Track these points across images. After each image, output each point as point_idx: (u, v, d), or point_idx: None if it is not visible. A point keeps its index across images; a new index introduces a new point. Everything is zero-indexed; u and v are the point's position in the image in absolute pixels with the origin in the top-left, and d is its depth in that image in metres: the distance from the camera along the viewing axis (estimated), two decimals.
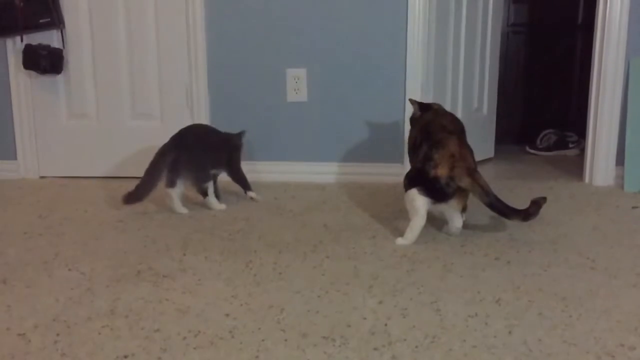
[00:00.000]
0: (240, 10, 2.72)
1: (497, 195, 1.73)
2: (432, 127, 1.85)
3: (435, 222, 2.00)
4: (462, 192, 1.76)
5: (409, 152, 2.00)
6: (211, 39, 2.75)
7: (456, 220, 1.86)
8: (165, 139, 2.21)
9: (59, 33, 2.79)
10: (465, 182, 1.72)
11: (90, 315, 1.33)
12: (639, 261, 1.65)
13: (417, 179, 1.79)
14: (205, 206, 2.25)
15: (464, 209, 1.86)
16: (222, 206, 2.25)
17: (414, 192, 1.77)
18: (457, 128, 1.86)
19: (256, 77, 2.76)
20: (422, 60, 2.64)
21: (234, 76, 2.77)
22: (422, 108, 2.06)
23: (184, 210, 2.20)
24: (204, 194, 2.22)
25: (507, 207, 1.73)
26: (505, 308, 1.35)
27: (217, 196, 2.27)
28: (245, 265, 1.64)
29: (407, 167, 2.19)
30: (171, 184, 2.17)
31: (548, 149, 3.58)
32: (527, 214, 1.75)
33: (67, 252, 1.78)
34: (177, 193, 2.19)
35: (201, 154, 2.22)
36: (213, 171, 2.27)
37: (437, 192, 1.75)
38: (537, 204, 1.76)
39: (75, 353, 1.16)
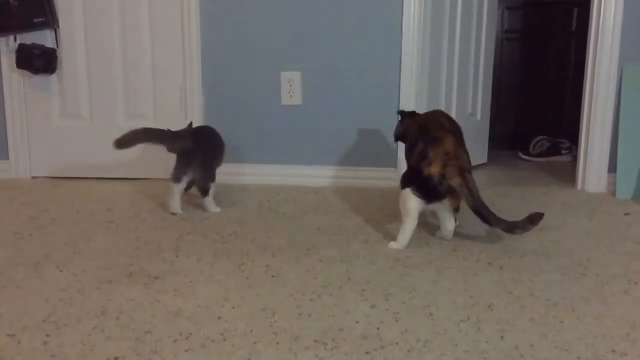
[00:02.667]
0: (235, 13, 2.72)
1: (486, 201, 1.72)
2: (430, 125, 1.85)
3: (428, 226, 2.00)
4: (455, 192, 1.76)
5: (406, 153, 1.99)
6: (206, 40, 2.75)
7: (449, 222, 1.86)
8: None
9: (53, 33, 2.78)
10: (455, 181, 1.71)
11: (81, 317, 1.32)
12: (631, 267, 1.66)
13: (411, 177, 1.79)
14: (201, 207, 2.25)
15: (456, 209, 1.86)
16: (217, 209, 2.25)
17: (407, 192, 1.77)
18: (454, 128, 1.86)
19: (250, 80, 2.76)
20: (416, 65, 2.64)
21: (229, 78, 2.77)
22: (405, 116, 2.10)
23: (179, 211, 2.20)
24: (206, 193, 2.22)
25: (491, 213, 1.71)
26: (497, 313, 1.35)
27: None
28: (238, 268, 1.64)
29: (401, 171, 2.20)
30: (177, 179, 2.18)
31: (541, 155, 3.59)
32: (511, 226, 1.71)
33: (58, 252, 1.77)
34: (180, 190, 2.21)
35: (212, 154, 2.26)
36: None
37: (430, 190, 1.74)
38: (531, 220, 1.71)
39: (65, 354, 1.15)
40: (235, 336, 1.23)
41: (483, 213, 1.71)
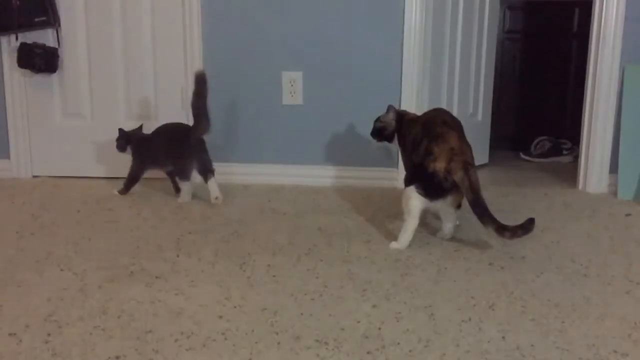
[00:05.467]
0: (236, 13, 2.72)
1: (487, 201, 1.71)
2: (434, 122, 1.85)
3: (429, 226, 2.00)
4: (458, 188, 1.74)
5: (407, 152, 1.98)
6: (207, 40, 2.74)
7: (449, 220, 1.86)
8: None
9: (55, 32, 2.78)
10: (458, 175, 1.70)
11: (82, 316, 1.32)
12: (632, 268, 1.66)
13: (416, 174, 1.78)
14: (207, 189, 2.32)
15: (458, 206, 1.85)
16: (220, 196, 2.33)
17: (410, 190, 1.76)
18: (456, 124, 1.86)
19: (252, 80, 2.76)
20: (417, 65, 2.64)
21: (230, 78, 2.77)
22: (397, 117, 2.07)
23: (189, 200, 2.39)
24: (213, 173, 2.33)
25: (486, 211, 1.68)
26: (498, 313, 1.35)
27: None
28: (239, 268, 1.64)
29: (401, 171, 2.20)
30: (187, 177, 2.34)
31: (542, 155, 3.59)
32: (502, 228, 1.66)
33: (60, 252, 1.77)
34: (192, 186, 2.39)
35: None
36: None
37: (434, 187, 1.74)
38: (522, 227, 1.66)
39: (67, 353, 1.15)
40: (237, 336, 1.23)
41: (479, 209, 1.69)
